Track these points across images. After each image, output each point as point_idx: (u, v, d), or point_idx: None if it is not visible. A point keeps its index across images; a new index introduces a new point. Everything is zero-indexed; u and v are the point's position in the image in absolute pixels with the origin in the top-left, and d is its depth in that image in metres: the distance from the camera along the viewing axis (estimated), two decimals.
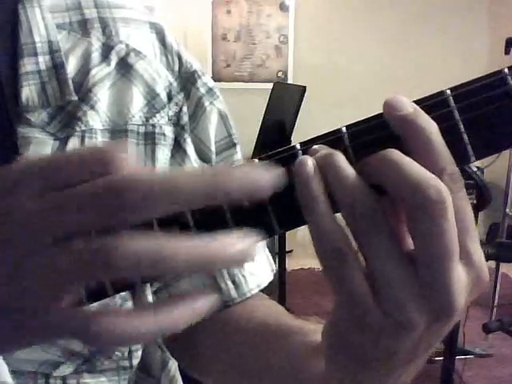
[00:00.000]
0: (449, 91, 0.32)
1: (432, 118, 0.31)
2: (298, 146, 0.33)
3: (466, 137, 0.31)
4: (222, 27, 4.15)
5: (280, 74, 4.18)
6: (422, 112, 0.31)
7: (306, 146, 0.33)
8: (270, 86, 3.30)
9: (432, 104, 0.32)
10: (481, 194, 1.99)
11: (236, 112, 0.60)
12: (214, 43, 4.15)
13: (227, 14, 4.14)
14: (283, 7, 4.15)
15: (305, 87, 2.76)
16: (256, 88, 4.03)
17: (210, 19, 4.13)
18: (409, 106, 0.31)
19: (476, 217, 3.51)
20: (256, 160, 0.33)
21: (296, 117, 2.76)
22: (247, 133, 3.47)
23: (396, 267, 0.31)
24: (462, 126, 0.31)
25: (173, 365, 0.62)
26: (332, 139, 0.32)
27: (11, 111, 0.49)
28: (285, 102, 2.95)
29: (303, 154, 0.32)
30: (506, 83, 0.31)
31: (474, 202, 1.97)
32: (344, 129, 0.32)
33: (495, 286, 2.84)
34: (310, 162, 0.31)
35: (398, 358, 0.33)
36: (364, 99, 3.94)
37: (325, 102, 3.98)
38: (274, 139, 2.84)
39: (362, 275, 0.31)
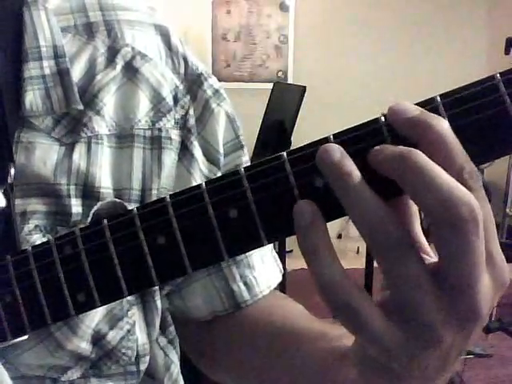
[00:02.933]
0: (439, 98, 0.31)
1: None
2: (285, 156, 0.32)
3: None
4: (221, 27, 4.15)
5: (280, 73, 4.18)
6: (429, 112, 0.30)
7: (293, 155, 0.32)
8: (270, 86, 3.30)
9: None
10: None
11: (236, 112, 0.60)
12: (214, 43, 4.15)
13: (227, 13, 4.14)
14: (283, 7, 4.15)
15: (305, 87, 2.75)
16: (256, 88, 4.03)
17: (210, 19, 4.13)
18: (414, 109, 0.30)
19: None
20: (242, 170, 0.32)
21: (296, 117, 2.76)
22: (247, 133, 3.45)
23: (425, 292, 0.30)
24: None
25: (175, 368, 0.62)
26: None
27: (11, 116, 0.48)
28: (285, 102, 2.94)
29: (290, 163, 0.32)
30: (497, 90, 0.30)
31: None
32: (331, 137, 0.32)
33: None
34: (307, 207, 0.30)
35: (431, 370, 0.33)
36: (364, 99, 3.94)
37: (325, 102, 3.98)
38: (273, 139, 2.84)
39: (379, 314, 0.30)
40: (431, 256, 0.32)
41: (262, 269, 0.59)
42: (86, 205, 0.50)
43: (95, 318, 0.50)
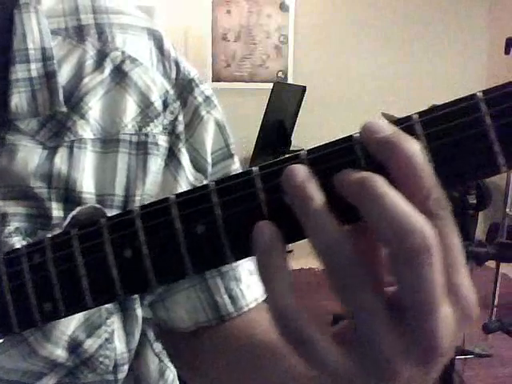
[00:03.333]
0: (416, 116, 0.29)
1: None
2: (257, 170, 0.31)
3: (432, 167, 0.29)
4: (221, 27, 4.15)
5: (280, 74, 4.18)
6: (404, 133, 0.29)
7: (264, 170, 0.31)
8: (269, 86, 3.30)
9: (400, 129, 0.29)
10: (481, 194, 1.99)
11: (236, 112, 0.60)
12: (214, 43, 4.15)
13: (227, 13, 4.14)
14: (283, 7, 4.15)
15: (305, 87, 2.76)
16: (256, 88, 4.03)
17: (210, 19, 4.13)
18: (387, 128, 0.29)
19: (476, 217, 3.51)
20: (212, 184, 0.31)
21: (296, 117, 2.77)
22: (247, 133, 3.46)
23: (381, 324, 0.29)
24: (429, 156, 0.29)
25: (170, 373, 0.61)
26: (292, 164, 0.30)
27: None
28: (285, 101, 2.95)
29: (261, 179, 0.31)
30: (478, 109, 0.28)
31: (474, 201, 1.97)
32: (305, 153, 0.30)
33: (495, 286, 2.83)
34: (267, 229, 0.29)
35: None
36: (364, 99, 3.95)
37: (325, 101, 3.99)
38: (273, 139, 2.84)
39: (334, 346, 0.30)
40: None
41: (250, 281, 0.58)
42: (68, 209, 0.49)
43: (70, 325, 0.49)
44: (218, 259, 0.31)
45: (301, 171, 0.29)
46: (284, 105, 2.95)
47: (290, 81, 4.12)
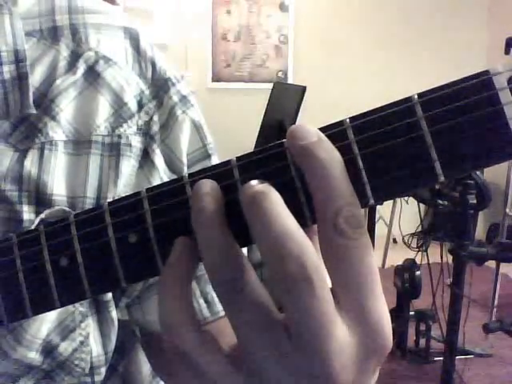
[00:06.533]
0: (348, 120, 0.27)
1: None
2: (187, 177, 0.30)
3: (364, 175, 0.27)
4: (221, 27, 4.15)
5: (280, 73, 4.18)
6: (327, 143, 0.27)
7: (194, 177, 0.30)
8: (269, 86, 3.30)
9: (330, 135, 0.28)
10: (481, 194, 1.99)
11: (236, 112, 0.59)
12: (214, 43, 4.15)
13: (227, 14, 4.15)
14: (283, 7, 4.15)
15: (305, 87, 2.76)
16: (256, 88, 4.04)
17: (210, 19, 4.13)
18: (312, 135, 0.27)
19: (476, 217, 3.51)
20: (144, 191, 0.31)
21: (296, 117, 2.76)
22: (247, 133, 3.47)
23: (265, 343, 0.27)
24: (360, 163, 0.27)
25: None
26: (221, 172, 0.29)
27: None
28: (285, 101, 2.95)
29: (191, 185, 0.29)
30: (414, 113, 0.26)
31: (474, 201, 1.97)
32: (235, 160, 0.29)
33: (495, 286, 2.84)
34: (178, 245, 0.29)
35: None
36: (364, 99, 3.95)
37: (325, 102, 3.99)
38: (273, 139, 2.83)
39: (221, 363, 0.29)
40: None
41: None
42: (39, 212, 0.48)
43: (42, 328, 0.48)
44: (150, 270, 0.30)
45: (205, 185, 0.28)
46: (284, 105, 2.95)
47: (290, 81, 4.12)
